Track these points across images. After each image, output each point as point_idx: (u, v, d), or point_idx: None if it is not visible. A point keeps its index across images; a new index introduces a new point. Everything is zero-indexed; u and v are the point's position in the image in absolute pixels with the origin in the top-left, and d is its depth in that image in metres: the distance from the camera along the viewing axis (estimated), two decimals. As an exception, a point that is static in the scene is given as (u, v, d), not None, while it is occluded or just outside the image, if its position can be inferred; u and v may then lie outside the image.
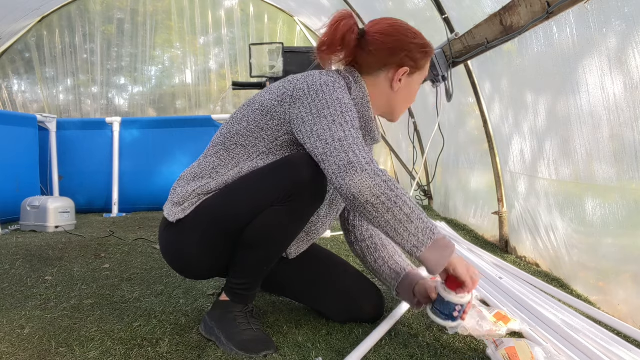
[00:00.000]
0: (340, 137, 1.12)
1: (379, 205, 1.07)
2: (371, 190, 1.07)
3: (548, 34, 1.78)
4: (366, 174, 1.07)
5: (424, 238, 1.09)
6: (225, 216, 1.26)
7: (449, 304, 1.20)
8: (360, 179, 1.06)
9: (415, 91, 1.39)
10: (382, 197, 1.07)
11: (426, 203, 4.25)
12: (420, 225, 1.09)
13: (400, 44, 1.31)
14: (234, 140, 1.31)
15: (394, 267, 1.45)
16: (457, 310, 1.20)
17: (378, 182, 1.07)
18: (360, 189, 1.06)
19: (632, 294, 1.45)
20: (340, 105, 1.19)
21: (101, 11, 5.58)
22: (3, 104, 5.53)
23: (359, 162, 1.08)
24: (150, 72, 5.78)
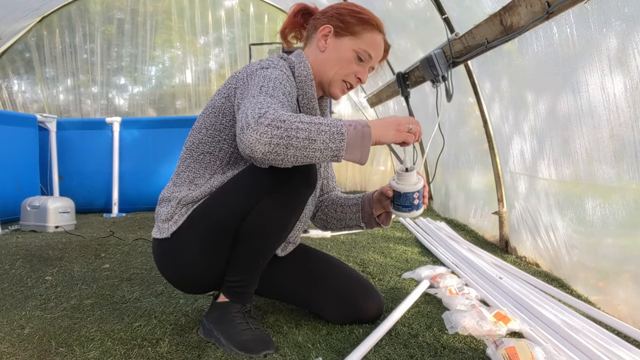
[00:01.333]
0: (245, 107, 1.09)
1: (275, 149, 1.03)
2: (259, 142, 1.02)
3: (548, 34, 1.78)
4: (250, 130, 1.02)
5: (336, 145, 1.06)
6: (220, 216, 1.25)
7: (406, 195, 1.24)
8: (247, 137, 1.03)
9: (347, 58, 1.33)
10: (273, 141, 1.03)
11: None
12: (325, 137, 1.05)
13: (332, 8, 1.37)
14: (200, 150, 1.33)
15: (350, 203, 1.50)
16: (416, 197, 1.25)
17: (262, 130, 1.02)
18: (250, 146, 1.03)
19: (632, 294, 1.45)
20: (264, 79, 1.20)
21: (101, 11, 5.59)
22: (3, 104, 5.53)
23: (247, 122, 1.04)
24: (150, 72, 5.79)
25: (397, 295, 1.73)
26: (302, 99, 1.35)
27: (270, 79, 1.20)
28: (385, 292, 1.77)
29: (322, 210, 1.58)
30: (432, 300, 1.69)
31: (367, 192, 1.50)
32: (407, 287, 1.83)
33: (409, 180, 1.25)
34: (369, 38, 1.34)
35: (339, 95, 1.39)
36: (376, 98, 5.08)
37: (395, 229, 3.11)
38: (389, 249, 2.49)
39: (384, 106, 5.17)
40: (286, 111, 1.11)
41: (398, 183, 1.25)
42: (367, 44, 1.34)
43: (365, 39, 1.34)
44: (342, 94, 1.39)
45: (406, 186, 1.24)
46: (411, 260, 2.28)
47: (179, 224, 1.30)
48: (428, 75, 2.84)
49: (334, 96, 1.39)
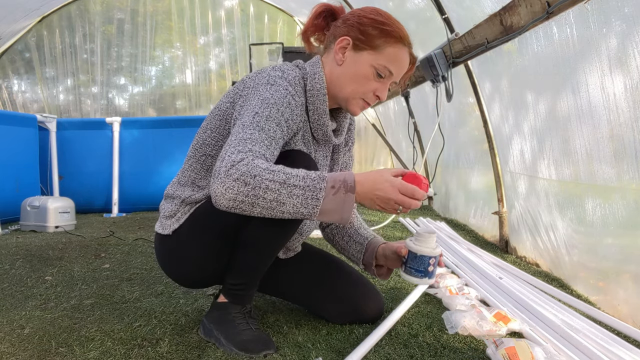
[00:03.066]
0: (230, 142, 1.07)
1: (239, 205, 1.02)
2: (223, 196, 1.01)
3: (548, 34, 1.78)
4: (218, 180, 1.01)
5: (308, 210, 1.03)
6: (220, 221, 1.25)
7: (422, 258, 1.16)
8: (214, 187, 1.02)
9: (364, 74, 1.24)
10: (238, 197, 1.01)
11: (426, 203, 4.25)
12: (296, 201, 1.02)
13: (354, 15, 1.25)
14: (202, 151, 1.33)
15: (358, 239, 1.44)
16: (432, 263, 1.17)
17: (228, 184, 1.00)
18: (215, 197, 1.03)
19: (632, 294, 1.45)
20: (262, 103, 1.15)
21: (101, 11, 5.59)
22: (3, 104, 5.53)
23: (219, 170, 1.03)
24: (150, 72, 5.79)
25: (397, 295, 1.73)
26: (312, 113, 1.28)
27: (268, 104, 1.15)
28: (385, 292, 1.77)
29: (332, 229, 1.55)
30: (432, 300, 1.69)
31: (375, 239, 1.43)
32: (407, 287, 1.83)
33: (428, 243, 1.18)
34: (390, 53, 1.22)
35: (357, 112, 1.30)
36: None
37: (395, 229, 3.11)
38: (389, 249, 2.49)
39: (384, 106, 5.17)
40: (270, 153, 1.09)
41: (416, 244, 1.19)
42: (388, 59, 1.23)
43: (387, 53, 1.22)
44: (361, 110, 1.30)
45: (424, 249, 1.17)
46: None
47: (181, 222, 1.31)
48: (428, 75, 2.84)
49: (352, 113, 1.31)
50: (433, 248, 1.18)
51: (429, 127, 3.62)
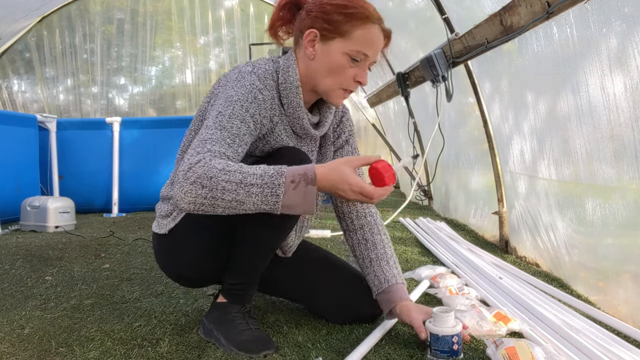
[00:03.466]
0: (192, 144, 1.08)
1: (201, 207, 1.03)
2: (183, 200, 1.03)
3: (548, 34, 1.78)
4: (178, 186, 1.02)
5: (269, 207, 1.04)
6: (216, 216, 1.23)
7: (445, 339, 1.17)
8: (175, 192, 1.04)
9: (339, 64, 1.19)
10: (197, 200, 1.02)
11: (426, 203, 4.25)
12: (255, 199, 1.03)
13: (316, 5, 1.20)
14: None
15: (378, 273, 1.38)
16: (455, 341, 1.18)
17: (186, 188, 1.01)
18: (177, 200, 1.04)
19: (632, 294, 1.45)
20: (225, 101, 1.14)
21: (101, 11, 5.59)
22: (3, 104, 5.53)
23: (178, 173, 1.04)
24: (150, 72, 5.79)
25: (397, 295, 1.73)
26: (287, 107, 1.25)
27: (232, 101, 1.14)
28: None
29: (353, 243, 1.45)
30: (432, 300, 1.69)
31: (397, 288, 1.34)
32: (407, 287, 1.82)
33: (447, 322, 1.19)
34: (361, 35, 1.17)
35: (339, 102, 1.27)
36: (376, 98, 5.08)
37: (395, 229, 3.11)
38: (389, 249, 2.49)
39: (384, 106, 5.17)
40: (232, 151, 1.08)
41: (436, 325, 1.19)
42: (359, 43, 1.18)
43: (357, 37, 1.18)
44: (342, 99, 1.27)
45: (445, 329, 1.17)
46: (411, 260, 2.27)
47: (177, 221, 1.31)
48: (428, 75, 2.85)
49: (334, 104, 1.29)
50: (453, 326, 1.18)
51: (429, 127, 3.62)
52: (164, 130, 4.25)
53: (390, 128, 5.28)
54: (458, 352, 1.19)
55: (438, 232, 2.78)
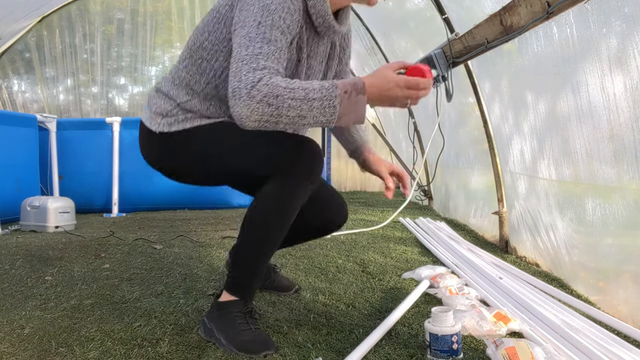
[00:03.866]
0: (241, 57, 1.10)
1: (264, 125, 1.08)
2: (249, 118, 1.07)
3: (548, 34, 1.78)
4: (242, 103, 1.05)
5: (327, 118, 1.10)
6: (215, 160, 1.26)
7: (444, 338, 1.18)
8: (238, 110, 1.07)
9: None
10: (263, 118, 1.06)
11: (426, 203, 4.25)
12: (316, 112, 1.08)
13: None
14: (199, 54, 1.31)
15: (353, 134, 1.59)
16: (455, 341, 1.19)
17: (253, 107, 1.05)
18: (240, 120, 1.08)
19: (632, 294, 1.45)
20: (262, 10, 1.14)
21: (101, 11, 5.59)
22: (3, 104, 5.53)
23: (239, 89, 1.06)
24: (151, 72, 5.78)
25: (397, 295, 1.73)
26: (315, 17, 1.27)
27: (270, 11, 1.14)
28: (385, 292, 1.77)
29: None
30: (432, 300, 1.69)
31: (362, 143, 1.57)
32: (407, 287, 1.83)
33: (446, 321, 1.20)
34: None
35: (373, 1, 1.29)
36: (376, 98, 5.08)
37: (395, 229, 3.11)
38: (389, 249, 2.49)
39: (384, 106, 5.17)
40: (282, 67, 1.14)
41: (435, 325, 1.20)
42: None
43: None
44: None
45: (444, 328, 1.19)
46: (411, 260, 2.28)
47: (172, 130, 1.31)
48: (428, 75, 2.84)
49: (369, 4, 1.29)
50: (452, 325, 1.19)
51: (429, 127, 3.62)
52: (164, 130, 4.24)
53: (390, 128, 5.27)
54: (458, 351, 1.19)
55: (438, 232, 2.78)
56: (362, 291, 1.78)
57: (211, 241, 2.70)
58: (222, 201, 4.23)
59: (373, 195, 5.31)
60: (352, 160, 1.59)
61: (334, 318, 1.50)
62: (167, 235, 2.89)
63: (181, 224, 3.37)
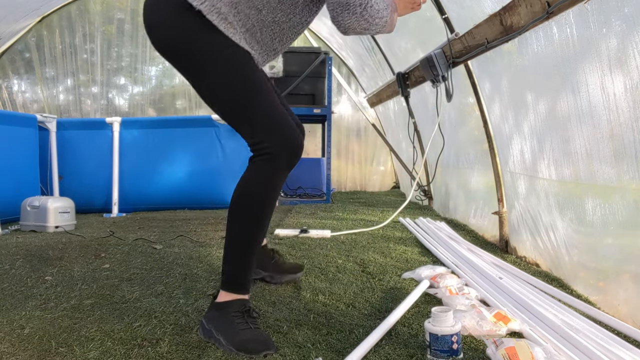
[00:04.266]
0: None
1: (357, 33, 1.42)
2: (353, 30, 1.39)
3: (548, 34, 1.78)
4: (356, 16, 1.35)
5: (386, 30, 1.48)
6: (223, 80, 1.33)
7: (445, 338, 1.19)
8: (351, 20, 1.35)
9: None
10: (358, 30, 1.40)
11: (426, 203, 4.25)
12: (385, 28, 1.46)
13: None
14: None
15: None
16: (455, 341, 1.19)
17: (362, 23, 1.37)
18: (349, 27, 1.37)
19: (632, 294, 1.45)
20: None
21: (101, 11, 5.59)
22: (3, 104, 5.53)
23: (354, 7, 1.33)
24: (150, 72, 5.78)
25: (397, 295, 1.73)
26: None
27: None
28: (385, 292, 1.77)
29: None
30: (432, 300, 1.69)
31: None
32: (407, 287, 1.83)
33: (446, 321, 1.20)
34: None
35: None
36: (376, 98, 5.08)
37: (395, 229, 3.11)
38: (389, 249, 2.49)
39: (383, 106, 5.17)
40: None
41: (435, 325, 1.21)
42: None
43: None
44: None
45: (444, 328, 1.19)
46: (411, 260, 2.28)
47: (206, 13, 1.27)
48: (428, 75, 2.85)
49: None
50: (452, 325, 1.20)
51: (429, 127, 3.62)
52: (164, 130, 4.24)
53: (390, 128, 5.28)
54: (458, 351, 1.20)
55: (438, 232, 2.78)
56: (362, 291, 1.78)
57: (211, 241, 2.70)
58: (222, 201, 4.23)
59: (373, 195, 5.31)
60: (352, 160, 1.70)
61: (334, 318, 1.50)
62: (167, 235, 2.89)
63: (181, 224, 3.37)
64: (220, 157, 4.19)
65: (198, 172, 4.18)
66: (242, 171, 1.44)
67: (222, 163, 4.18)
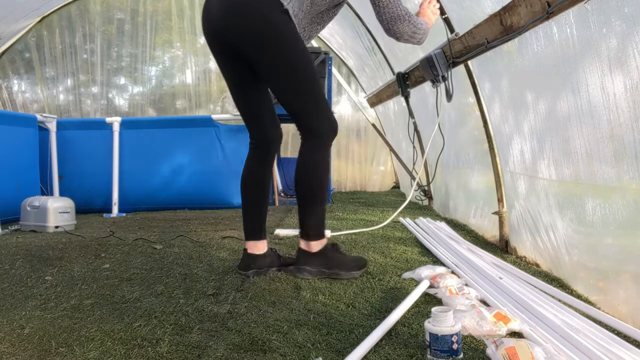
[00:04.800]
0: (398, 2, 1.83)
1: (412, 35, 1.90)
2: (407, 33, 1.87)
3: (548, 34, 1.78)
4: (406, 23, 1.83)
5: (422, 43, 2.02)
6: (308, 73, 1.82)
7: (445, 338, 1.19)
8: (403, 26, 1.83)
9: None
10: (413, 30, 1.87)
11: (426, 203, 4.25)
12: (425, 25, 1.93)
13: None
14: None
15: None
16: (455, 341, 1.19)
17: (411, 27, 1.85)
18: (402, 32, 1.86)
19: (632, 294, 1.45)
20: None
21: (101, 11, 5.59)
22: (3, 104, 5.53)
23: (402, 15, 1.81)
24: (150, 72, 5.78)
25: (397, 295, 1.73)
26: None
27: None
28: (385, 292, 1.77)
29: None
30: (432, 300, 1.69)
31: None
32: (407, 287, 1.83)
33: (446, 321, 1.20)
34: None
35: None
36: (376, 98, 5.08)
37: (395, 229, 3.11)
38: (389, 249, 2.49)
39: (384, 106, 5.17)
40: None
41: (435, 325, 1.21)
42: None
43: None
44: None
45: (444, 328, 1.19)
46: (411, 260, 2.28)
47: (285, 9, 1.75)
48: (428, 75, 2.84)
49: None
50: (452, 325, 1.20)
51: (429, 127, 3.62)
52: (164, 130, 4.25)
53: (390, 128, 5.27)
54: (458, 351, 1.20)
55: (438, 232, 2.78)
56: (362, 291, 1.78)
57: (211, 241, 2.70)
58: (222, 201, 4.23)
59: (373, 195, 5.31)
60: (352, 160, 1.96)
61: (334, 318, 1.50)
62: (167, 235, 2.89)
63: (181, 224, 3.37)
64: (220, 157, 4.19)
65: (198, 172, 4.18)
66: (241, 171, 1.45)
67: (222, 163, 4.18)
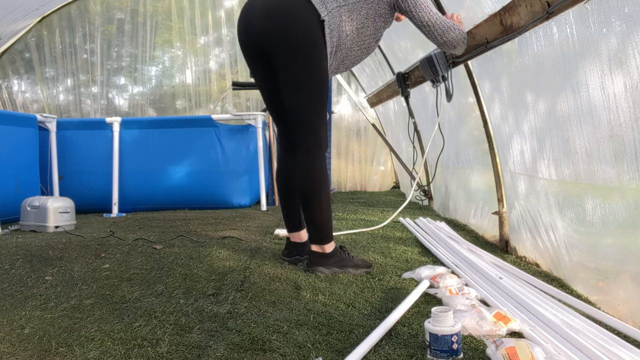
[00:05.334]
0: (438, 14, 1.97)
1: (462, 40, 2.06)
2: (457, 39, 2.02)
3: (548, 34, 1.78)
4: (455, 31, 1.99)
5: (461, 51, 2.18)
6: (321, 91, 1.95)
7: (444, 338, 1.19)
8: (454, 34, 2.00)
9: None
10: (463, 36, 2.04)
11: (426, 203, 4.25)
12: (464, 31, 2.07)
13: None
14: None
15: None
16: (455, 341, 1.19)
17: (459, 34, 2.01)
18: (454, 39, 2.01)
19: (632, 294, 1.45)
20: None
21: (101, 11, 5.59)
22: (3, 104, 5.53)
23: (449, 26, 1.97)
24: (150, 72, 5.79)
25: (397, 295, 1.73)
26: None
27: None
28: (385, 292, 1.77)
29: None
30: (432, 300, 1.69)
31: None
32: (407, 287, 1.83)
33: (446, 321, 1.21)
34: None
35: None
36: (376, 98, 5.08)
37: (395, 229, 3.11)
38: (389, 249, 2.49)
39: (384, 106, 5.17)
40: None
41: (435, 325, 1.21)
42: None
43: None
44: None
45: (444, 328, 1.19)
46: (411, 260, 2.28)
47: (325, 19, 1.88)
48: (428, 75, 2.84)
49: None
50: (452, 325, 1.20)
51: (429, 127, 3.62)
52: (164, 130, 4.25)
53: (390, 128, 5.27)
54: (458, 351, 1.20)
55: (438, 232, 2.78)
56: (362, 291, 1.78)
57: (211, 241, 2.70)
58: (222, 201, 4.23)
59: (373, 195, 5.31)
60: (352, 160, 2.00)
61: (334, 318, 1.50)
62: (167, 235, 2.89)
63: (181, 224, 3.37)
64: (220, 157, 4.18)
65: (198, 172, 4.18)
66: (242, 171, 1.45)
67: (222, 163, 4.18)
